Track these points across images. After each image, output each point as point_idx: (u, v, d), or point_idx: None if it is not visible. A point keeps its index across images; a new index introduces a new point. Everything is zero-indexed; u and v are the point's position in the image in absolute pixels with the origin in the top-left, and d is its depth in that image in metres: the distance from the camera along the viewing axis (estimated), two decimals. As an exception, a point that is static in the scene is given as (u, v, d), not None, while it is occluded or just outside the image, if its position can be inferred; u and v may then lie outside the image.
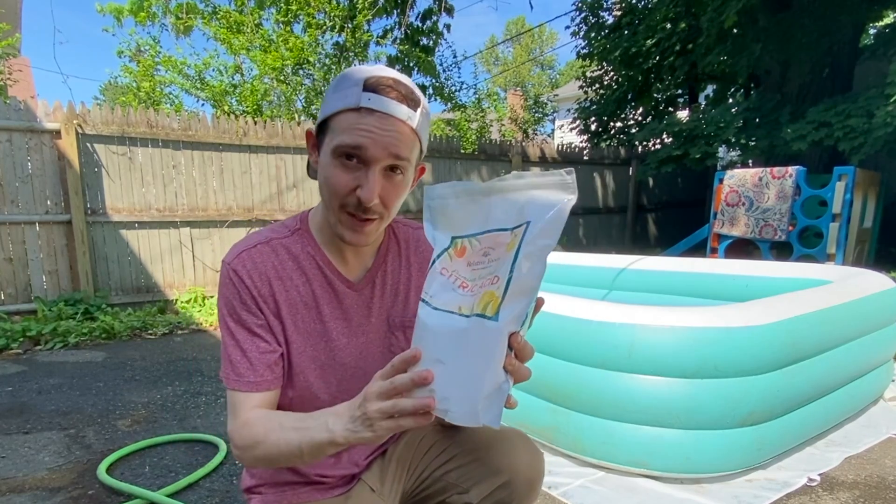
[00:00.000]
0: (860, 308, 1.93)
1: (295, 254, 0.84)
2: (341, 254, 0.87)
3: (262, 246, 0.83)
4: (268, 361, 0.80)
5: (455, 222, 0.70)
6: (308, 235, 0.86)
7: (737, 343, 1.53)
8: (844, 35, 5.43)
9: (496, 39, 28.10)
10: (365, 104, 0.72)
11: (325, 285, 0.85)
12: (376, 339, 0.89)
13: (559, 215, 0.62)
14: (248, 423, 0.76)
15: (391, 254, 0.91)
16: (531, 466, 0.87)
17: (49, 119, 4.04)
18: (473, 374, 0.62)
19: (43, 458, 1.98)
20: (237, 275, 0.80)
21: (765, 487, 1.57)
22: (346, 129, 0.73)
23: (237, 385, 0.79)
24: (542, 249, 0.61)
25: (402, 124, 0.74)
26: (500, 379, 0.61)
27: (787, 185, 4.41)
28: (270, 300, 0.81)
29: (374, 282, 0.89)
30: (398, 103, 0.73)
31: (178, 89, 6.96)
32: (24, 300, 4.09)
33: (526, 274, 0.61)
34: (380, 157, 0.73)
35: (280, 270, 0.83)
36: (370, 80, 0.72)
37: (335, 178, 0.75)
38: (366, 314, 0.88)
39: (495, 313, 0.61)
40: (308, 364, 0.84)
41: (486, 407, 0.61)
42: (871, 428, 1.99)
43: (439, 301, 0.66)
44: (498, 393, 0.61)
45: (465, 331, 0.62)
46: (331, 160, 0.75)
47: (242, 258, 0.81)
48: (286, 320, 0.82)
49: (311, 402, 0.85)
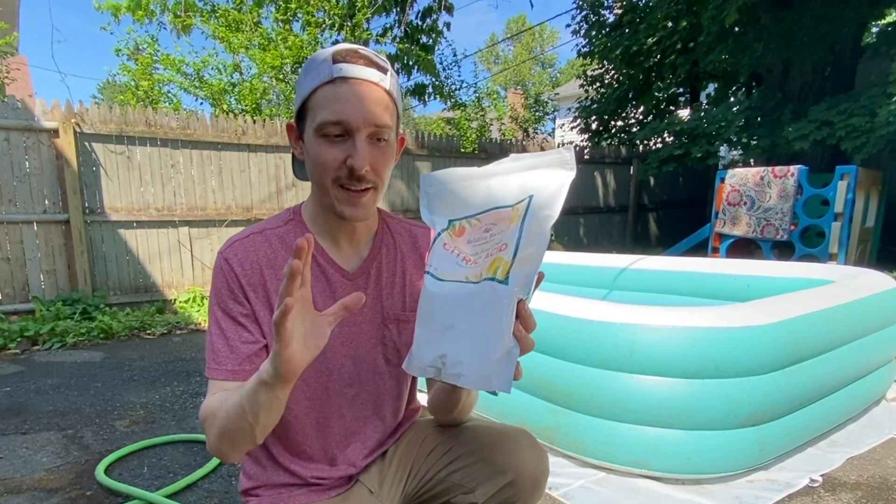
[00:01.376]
0: (862, 308, 1.92)
1: (288, 243, 0.85)
2: (336, 242, 0.87)
3: (255, 236, 0.84)
4: (248, 352, 0.80)
5: (453, 206, 0.72)
6: (301, 225, 0.87)
7: (738, 343, 1.52)
8: (846, 33, 5.41)
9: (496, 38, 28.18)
10: (338, 74, 0.74)
11: (317, 274, 0.85)
12: (368, 330, 0.88)
13: (560, 189, 0.65)
14: (208, 400, 0.77)
15: (386, 246, 0.91)
16: (536, 465, 0.87)
17: (47, 118, 4.02)
18: (485, 336, 0.62)
19: (41, 459, 1.97)
20: (228, 263, 0.81)
21: (766, 488, 1.56)
22: (324, 104, 0.75)
23: (216, 374, 0.79)
24: (545, 219, 0.64)
25: (376, 87, 0.76)
26: (510, 344, 0.62)
27: (788, 184, 4.39)
28: (261, 288, 0.81)
29: (370, 272, 0.88)
30: (368, 68, 0.75)
31: (176, 88, 6.97)
32: (21, 300, 4.07)
33: (531, 242, 0.63)
34: (362, 124, 0.75)
35: (272, 259, 0.83)
36: (337, 54, 0.75)
37: (323, 155, 0.76)
38: None
39: (505, 277, 0.62)
40: None
41: (498, 371, 0.62)
42: (873, 428, 1.98)
43: (444, 273, 0.68)
44: (508, 357, 0.62)
45: (476, 294, 0.64)
46: (315, 139, 0.77)
47: (235, 248, 0.82)
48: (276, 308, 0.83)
49: (301, 392, 0.85)
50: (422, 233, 0.96)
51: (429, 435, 0.95)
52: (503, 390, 0.62)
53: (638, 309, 1.63)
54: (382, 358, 0.90)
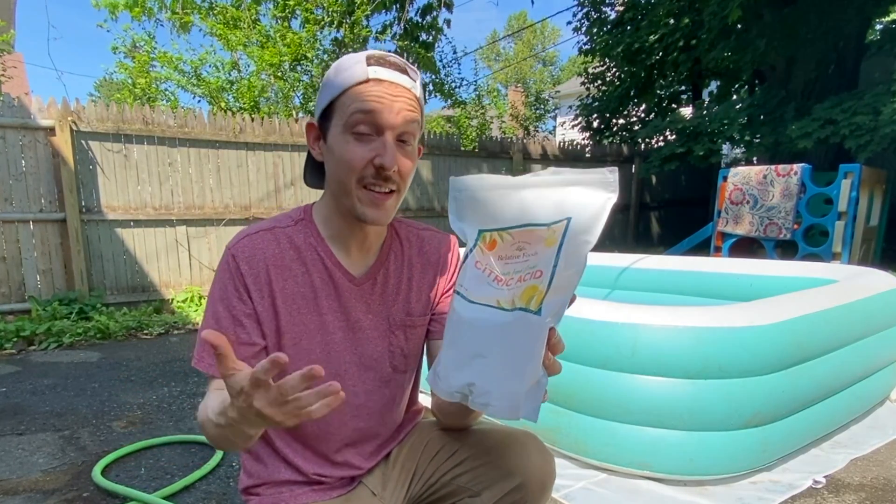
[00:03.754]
0: (866, 308, 1.91)
1: (297, 244, 0.84)
2: (346, 247, 0.86)
3: (265, 233, 0.83)
4: (242, 355, 0.78)
5: (482, 215, 0.69)
6: (311, 226, 0.86)
7: (741, 343, 1.51)
8: (850, 30, 5.38)
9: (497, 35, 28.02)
10: (373, 75, 0.75)
11: (325, 277, 0.84)
12: (374, 336, 0.87)
13: (600, 213, 0.62)
14: (203, 404, 0.75)
15: (394, 252, 0.90)
16: (543, 469, 0.86)
17: (43, 116, 3.99)
18: (516, 368, 0.61)
19: (37, 460, 1.95)
20: (235, 260, 0.80)
21: (769, 489, 1.55)
22: (357, 103, 0.75)
23: (203, 367, 0.78)
24: (583, 245, 0.61)
25: (408, 91, 0.77)
26: (539, 374, 0.61)
27: (792, 182, 4.37)
28: (266, 288, 0.80)
29: (376, 278, 0.87)
30: (401, 73, 0.77)
31: (174, 86, 6.91)
32: (17, 299, 4.04)
33: (567, 269, 0.60)
34: (394, 122, 0.75)
35: (279, 259, 0.82)
36: (371, 57, 0.76)
37: (351, 153, 0.76)
38: (364, 310, 0.86)
39: (538, 308, 0.60)
40: (302, 357, 0.83)
41: (527, 401, 0.61)
42: (877, 429, 1.96)
43: (475, 294, 0.65)
44: (537, 387, 0.61)
45: (508, 325, 0.61)
46: (343, 137, 0.76)
47: (244, 243, 0.81)
48: (281, 310, 0.81)
49: None
50: (429, 236, 0.95)
51: (433, 437, 0.94)
52: (530, 419, 0.61)
53: (640, 309, 1.62)
54: (389, 365, 0.89)
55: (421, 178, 6.03)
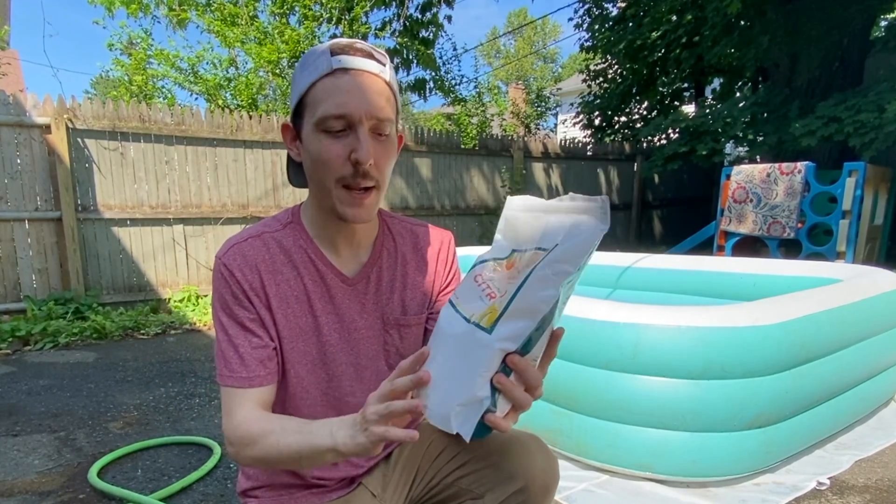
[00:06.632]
0: (871, 307, 1.89)
1: (286, 247, 0.83)
2: (335, 247, 0.85)
3: (254, 240, 0.82)
4: (260, 357, 0.79)
5: (519, 236, 0.68)
6: (300, 228, 0.85)
7: (744, 343, 1.49)
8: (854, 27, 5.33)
9: (497, 32, 27.71)
10: (337, 65, 0.72)
11: (316, 279, 0.83)
12: (369, 336, 0.87)
13: (583, 242, 0.58)
14: (246, 420, 0.75)
15: (386, 250, 0.89)
16: (546, 471, 0.85)
17: (38, 113, 3.94)
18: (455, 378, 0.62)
19: (32, 462, 1.93)
20: (228, 269, 0.79)
21: (773, 491, 1.53)
22: (325, 97, 0.72)
23: (230, 381, 0.77)
24: (558, 274, 0.57)
25: (377, 77, 0.74)
26: (482, 394, 0.60)
27: (795, 181, 4.34)
28: (261, 293, 0.80)
29: (369, 277, 0.86)
30: (367, 59, 0.74)
31: (170, 83, 6.86)
32: (13, 299, 4.00)
33: (532, 295, 0.58)
34: (365, 115, 0.73)
35: (270, 264, 0.81)
36: (335, 46, 0.74)
37: (326, 151, 0.74)
38: (358, 310, 0.86)
39: (490, 326, 0.60)
40: (299, 359, 0.83)
41: (459, 415, 0.61)
42: (881, 430, 1.95)
43: (462, 306, 0.66)
44: (476, 406, 0.60)
45: (458, 336, 0.63)
46: (315, 135, 0.74)
47: (233, 252, 0.80)
48: (277, 314, 0.81)
49: (302, 400, 0.85)
50: (423, 232, 0.94)
51: (435, 439, 0.92)
52: (463, 436, 0.61)
53: (642, 309, 1.61)
54: (386, 364, 0.89)
55: (420, 177, 5.96)
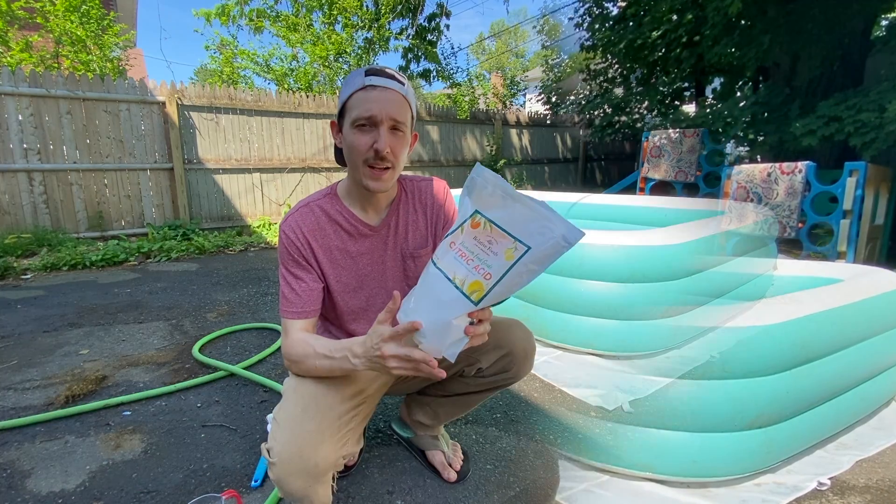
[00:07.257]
0: (872, 307, 1.88)
1: (328, 211, 1.19)
2: (363, 208, 1.21)
3: (304, 209, 1.18)
4: (309, 296, 1.14)
5: (483, 202, 0.89)
6: (337, 198, 1.21)
7: (745, 343, 1.49)
8: (855, 26, 5.32)
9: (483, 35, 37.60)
10: (368, 83, 1.05)
11: (351, 230, 1.20)
12: (393, 266, 1.25)
13: (553, 252, 0.79)
14: (295, 342, 1.09)
15: (402, 203, 1.25)
16: (524, 340, 1.25)
17: (157, 93, 5.49)
18: (445, 327, 0.85)
19: (152, 341, 2.60)
20: (286, 234, 1.16)
21: (773, 492, 1.53)
22: (358, 105, 1.05)
23: (287, 314, 1.13)
24: (531, 272, 0.80)
25: (396, 93, 1.07)
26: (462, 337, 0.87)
27: (796, 180, 4.33)
28: (309, 251, 1.16)
29: (389, 225, 1.23)
30: (391, 80, 1.07)
31: (250, 73, 9.36)
32: (138, 226, 5.54)
33: (511, 284, 0.81)
34: (385, 118, 1.05)
35: (315, 226, 1.17)
36: (369, 70, 1.07)
37: (357, 142, 1.07)
38: (383, 248, 1.23)
39: (478, 301, 0.84)
40: (344, 288, 1.22)
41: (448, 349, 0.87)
42: (883, 430, 1.94)
43: (442, 263, 0.90)
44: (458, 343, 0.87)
45: (452, 300, 0.86)
46: (351, 130, 1.07)
47: (289, 222, 1.16)
48: (323, 261, 1.18)
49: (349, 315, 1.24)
50: (424, 185, 1.27)
51: None
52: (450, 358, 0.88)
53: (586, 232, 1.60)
54: (406, 285, 1.25)
55: (431, 139, 8.31)
